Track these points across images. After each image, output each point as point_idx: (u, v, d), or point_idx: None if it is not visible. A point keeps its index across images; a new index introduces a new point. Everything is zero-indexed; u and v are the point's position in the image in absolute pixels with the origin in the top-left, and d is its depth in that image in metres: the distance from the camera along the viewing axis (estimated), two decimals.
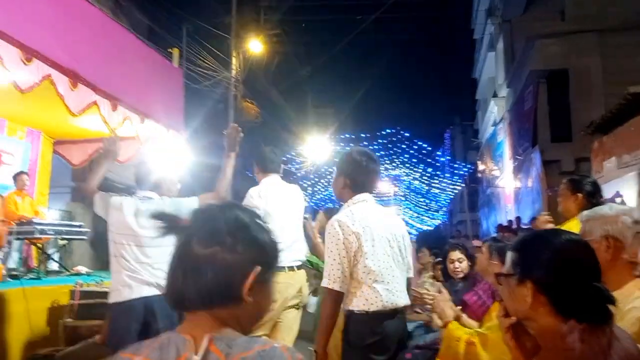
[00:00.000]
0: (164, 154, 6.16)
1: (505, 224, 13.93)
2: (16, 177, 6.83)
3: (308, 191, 25.05)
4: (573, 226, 2.78)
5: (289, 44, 17.27)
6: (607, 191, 6.07)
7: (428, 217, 29.17)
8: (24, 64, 4.31)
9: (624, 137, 6.61)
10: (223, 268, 0.96)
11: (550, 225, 3.50)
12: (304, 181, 24.16)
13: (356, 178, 2.57)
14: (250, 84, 16.24)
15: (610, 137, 7.16)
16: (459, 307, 2.95)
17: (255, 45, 15.74)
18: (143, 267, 2.99)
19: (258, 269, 0.98)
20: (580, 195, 3.24)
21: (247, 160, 4.49)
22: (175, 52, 8.48)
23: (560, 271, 1.27)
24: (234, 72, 15.11)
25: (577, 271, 1.26)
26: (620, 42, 12.33)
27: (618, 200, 5.11)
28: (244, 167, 9.09)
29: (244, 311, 0.99)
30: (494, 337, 2.22)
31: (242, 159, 4.69)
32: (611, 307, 1.22)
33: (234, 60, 15.16)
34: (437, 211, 29.20)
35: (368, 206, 2.55)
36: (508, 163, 16.98)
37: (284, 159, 3.68)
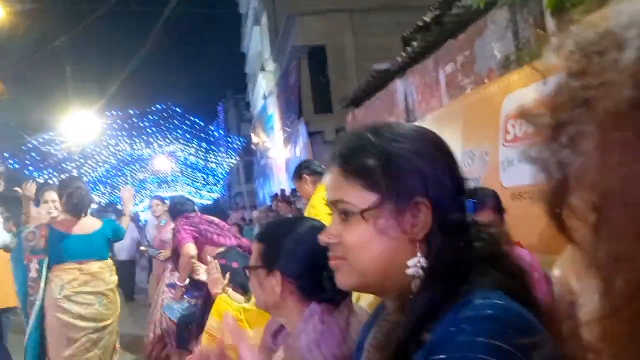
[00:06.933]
0: None
1: (278, 193, 14.60)
2: None
3: (74, 173, 22.84)
4: (317, 202, 3.15)
5: (39, 12, 15.23)
6: None
7: (207, 191, 29.15)
8: None
9: (372, 109, 7.39)
10: None
11: None
12: (68, 163, 21.97)
13: None
14: None
15: (362, 109, 7.94)
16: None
17: None
18: None
19: None
20: (305, 177, 3.91)
21: None
22: None
23: (303, 259, 1.34)
24: None
25: (317, 257, 1.34)
26: (367, 22, 13.63)
27: None
28: None
29: None
30: (258, 314, 2.30)
31: None
32: None
33: None
34: (215, 185, 29.34)
35: None
36: (279, 135, 17.75)
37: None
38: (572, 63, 0.34)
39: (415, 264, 0.83)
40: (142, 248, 9.40)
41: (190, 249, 3.99)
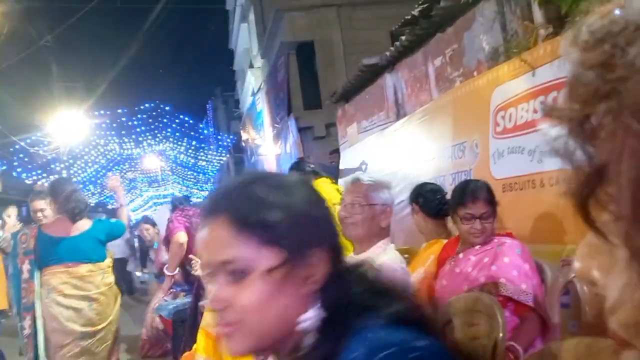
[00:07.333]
0: None
1: None
2: None
3: (63, 174, 22.66)
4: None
5: (24, 11, 15.07)
6: (352, 154, 6.74)
7: (197, 189, 29.05)
8: None
9: (362, 104, 7.38)
10: None
11: None
12: (57, 164, 21.79)
13: None
14: None
15: (351, 104, 7.93)
16: None
17: None
18: None
19: None
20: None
21: None
22: None
23: None
24: None
25: None
26: (354, 16, 13.62)
27: (364, 167, 5.71)
28: None
29: None
30: None
31: None
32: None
33: None
34: (205, 183, 29.24)
35: None
36: (268, 131, 17.71)
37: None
38: (591, 55, 0.33)
39: (313, 316, 0.80)
40: (137, 273, 9.41)
41: (180, 236, 4.03)
